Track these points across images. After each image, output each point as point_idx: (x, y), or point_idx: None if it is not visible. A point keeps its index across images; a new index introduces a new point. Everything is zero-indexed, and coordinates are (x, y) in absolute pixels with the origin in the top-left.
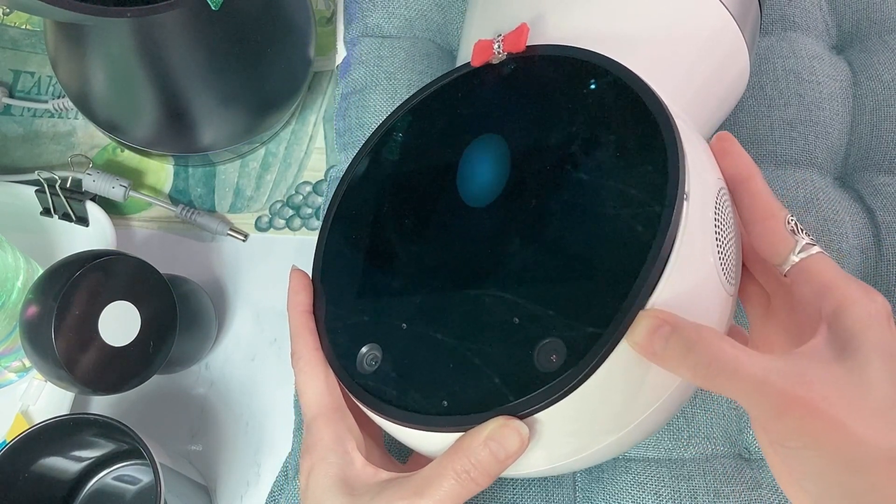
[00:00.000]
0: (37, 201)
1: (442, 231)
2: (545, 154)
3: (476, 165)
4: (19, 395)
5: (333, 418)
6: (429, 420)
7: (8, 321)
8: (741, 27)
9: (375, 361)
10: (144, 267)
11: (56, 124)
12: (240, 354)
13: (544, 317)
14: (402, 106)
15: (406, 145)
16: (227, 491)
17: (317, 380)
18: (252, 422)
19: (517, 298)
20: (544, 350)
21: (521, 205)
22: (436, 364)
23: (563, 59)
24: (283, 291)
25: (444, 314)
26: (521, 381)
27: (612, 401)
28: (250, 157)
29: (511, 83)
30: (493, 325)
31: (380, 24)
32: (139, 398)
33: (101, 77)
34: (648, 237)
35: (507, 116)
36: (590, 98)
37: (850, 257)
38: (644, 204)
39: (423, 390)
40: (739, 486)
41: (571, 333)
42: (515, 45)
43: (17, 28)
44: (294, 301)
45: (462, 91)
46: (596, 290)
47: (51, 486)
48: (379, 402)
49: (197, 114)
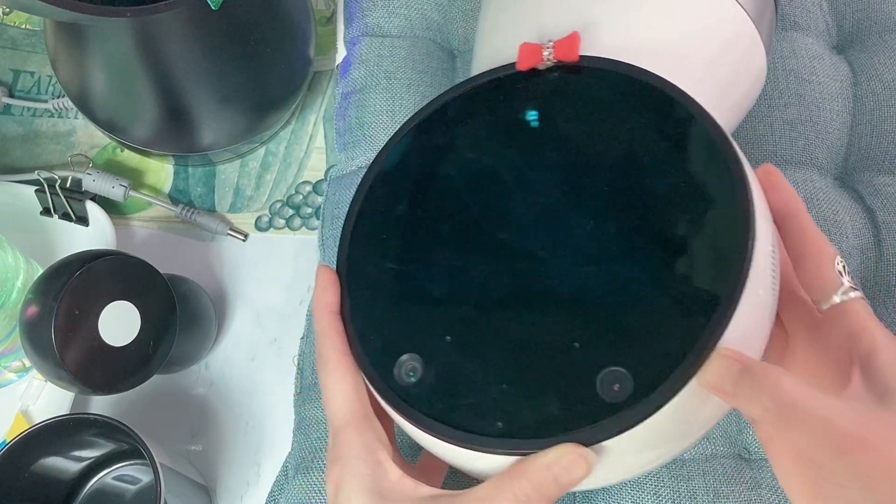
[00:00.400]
0: (37, 201)
1: (489, 241)
2: (603, 173)
3: (528, 176)
4: (19, 395)
5: (364, 426)
6: (483, 441)
7: (8, 321)
8: (758, 28)
9: (414, 372)
10: (144, 267)
11: (56, 124)
12: (240, 354)
13: (607, 344)
14: (437, 100)
15: (444, 143)
16: (227, 491)
17: (346, 385)
18: (252, 422)
19: (577, 322)
20: (607, 378)
21: (578, 224)
22: (486, 382)
23: (618, 76)
24: (284, 291)
25: (495, 331)
26: (584, 409)
27: (674, 428)
28: (250, 156)
29: (560, 93)
30: (550, 347)
31: (380, 24)
32: (139, 398)
33: (101, 77)
34: (721, 273)
35: (559, 128)
36: (651, 121)
37: (850, 257)
38: (715, 238)
39: (473, 409)
40: (739, 487)
41: (639, 366)
42: (568, 54)
43: (17, 28)
44: (321, 300)
45: (505, 94)
46: (665, 324)
47: (51, 485)
48: (423, 416)
49: (197, 113)
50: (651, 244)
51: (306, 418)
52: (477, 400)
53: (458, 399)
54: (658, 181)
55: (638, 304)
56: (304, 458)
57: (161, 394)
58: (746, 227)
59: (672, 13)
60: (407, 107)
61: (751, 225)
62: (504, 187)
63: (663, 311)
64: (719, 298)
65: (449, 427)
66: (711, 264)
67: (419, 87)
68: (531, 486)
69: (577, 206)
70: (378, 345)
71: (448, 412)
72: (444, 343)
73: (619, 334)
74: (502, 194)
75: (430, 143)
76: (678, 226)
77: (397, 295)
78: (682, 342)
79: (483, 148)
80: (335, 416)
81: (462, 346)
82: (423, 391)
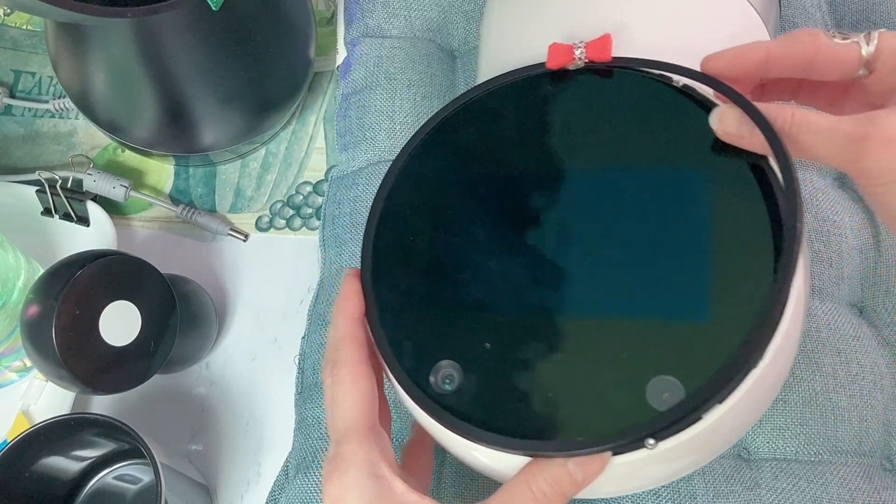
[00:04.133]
0: (38, 201)
1: (525, 245)
2: (639, 178)
3: (561, 178)
4: (20, 395)
5: (369, 437)
6: (536, 446)
7: (9, 321)
8: (765, 22)
9: (451, 380)
10: (145, 267)
11: (57, 124)
12: (240, 354)
13: (655, 352)
14: (462, 98)
15: (472, 141)
16: (228, 490)
17: (356, 393)
18: (252, 421)
19: (623, 330)
20: (655, 386)
21: (617, 229)
22: (532, 390)
23: (652, 80)
24: (284, 291)
25: (536, 338)
26: (635, 417)
27: (720, 434)
28: (251, 157)
29: (591, 94)
30: (596, 354)
31: (380, 25)
32: (139, 398)
33: (102, 77)
34: (764, 281)
35: (591, 129)
36: (688, 125)
37: (849, 257)
38: (756, 245)
39: (520, 416)
40: (738, 486)
41: (688, 375)
42: (601, 55)
43: (18, 28)
44: (343, 305)
45: (534, 93)
46: (713, 332)
47: (51, 485)
48: (467, 424)
49: (197, 114)
50: (695, 252)
51: (307, 418)
52: (523, 407)
53: (503, 407)
54: (697, 186)
55: (686, 313)
56: (304, 457)
57: (161, 394)
58: (792, 236)
59: (680, 8)
60: (407, 107)
61: (797, 235)
62: (536, 189)
63: (714, 322)
64: (767, 307)
65: (494, 434)
66: (755, 272)
67: (419, 87)
68: (547, 483)
69: (615, 210)
70: (412, 351)
71: (492, 419)
72: (484, 350)
73: (667, 342)
74: (534, 196)
75: (456, 140)
76: (722, 232)
77: (430, 300)
78: (734, 354)
79: (512, 147)
80: (340, 422)
81: (503, 353)
82: (463, 399)
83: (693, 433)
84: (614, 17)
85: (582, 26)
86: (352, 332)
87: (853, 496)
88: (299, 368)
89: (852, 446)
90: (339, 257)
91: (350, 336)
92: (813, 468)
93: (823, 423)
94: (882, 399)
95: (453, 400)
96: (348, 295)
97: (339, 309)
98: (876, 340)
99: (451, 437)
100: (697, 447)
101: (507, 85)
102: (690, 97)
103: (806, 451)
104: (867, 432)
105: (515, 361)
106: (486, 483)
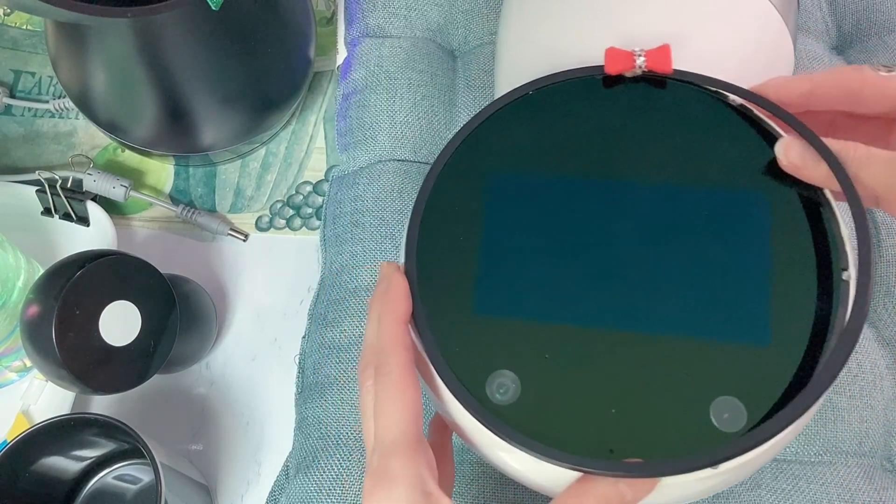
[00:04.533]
0: (37, 201)
1: (583, 254)
2: (701, 195)
3: (619, 187)
4: (20, 395)
5: (418, 452)
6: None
7: (9, 321)
8: (784, 19)
9: (506, 390)
10: (145, 267)
11: (57, 124)
12: (240, 354)
13: (719, 372)
14: (512, 94)
15: (525, 142)
16: (228, 490)
17: (404, 404)
18: (252, 421)
19: (686, 348)
20: (717, 407)
21: (679, 245)
22: (593, 405)
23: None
24: (284, 291)
25: (597, 351)
26: (699, 438)
27: (774, 451)
28: (251, 157)
29: (649, 104)
30: (659, 372)
31: (380, 25)
32: (139, 398)
33: (102, 77)
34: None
35: (651, 142)
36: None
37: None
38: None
39: (581, 431)
40: (739, 487)
41: (753, 397)
42: (662, 66)
43: (18, 28)
44: (392, 307)
45: (589, 97)
46: (778, 356)
47: (51, 485)
48: (527, 437)
49: (197, 114)
50: (760, 276)
51: (307, 417)
52: (584, 423)
53: (561, 420)
54: (755, 207)
55: (750, 334)
56: (304, 457)
57: (161, 394)
58: (866, 266)
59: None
60: (407, 107)
61: (870, 267)
62: (596, 197)
63: (780, 344)
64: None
65: (556, 449)
66: (813, 297)
67: (420, 87)
68: (597, 502)
69: (675, 226)
70: (465, 359)
71: (551, 434)
72: (543, 360)
73: (730, 362)
74: (594, 205)
75: (507, 138)
76: (780, 255)
77: (484, 306)
78: (798, 377)
79: (569, 151)
80: (386, 434)
81: (563, 366)
82: (521, 410)
83: (756, 453)
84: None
85: (605, 26)
86: (400, 336)
87: (853, 497)
88: (299, 368)
89: (852, 447)
90: (339, 257)
91: (398, 340)
92: (813, 469)
93: (823, 423)
94: (882, 399)
95: (510, 411)
96: (397, 296)
97: (386, 309)
98: (876, 340)
99: (500, 446)
100: (753, 466)
101: (558, 85)
102: (746, 116)
103: (806, 451)
104: (867, 433)
105: (576, 375)
106: (496, 487)
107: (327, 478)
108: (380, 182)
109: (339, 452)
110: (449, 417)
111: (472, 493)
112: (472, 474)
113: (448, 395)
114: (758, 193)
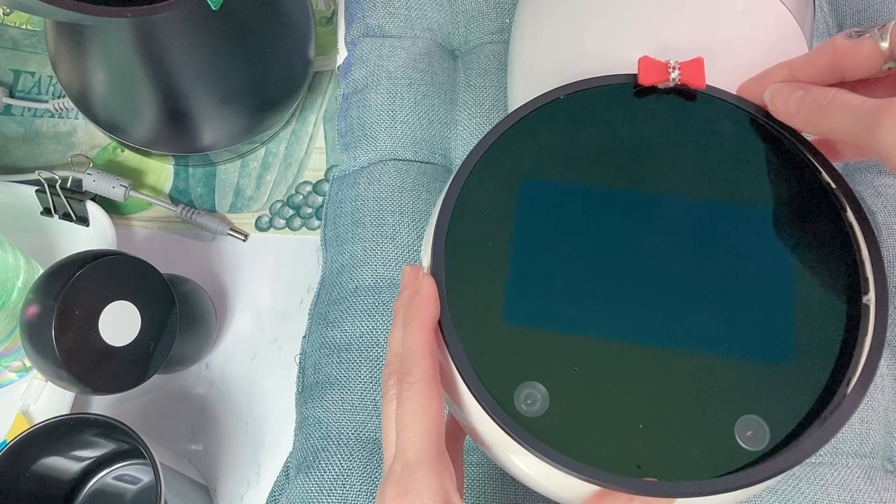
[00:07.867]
0: (37, 201)
1: (615, 268)
2: (729, 211)
3: (654, 204)
4: (20, 395)
5: (442, 464)
6: (625, 483)
7: (8, 321)
8: (801, 25)
9: (533, 401)
10: (145, 267)
11: (56, 124)
12: (240, 354)
13: (744, 390)
14: (542, 99)
15: (555, 148)
16: (228, 490)
17: (429, 416)
18: (252, 421)
19: (712, 365)
20: (742, 425)
21: (706, 261)
22: (620, 419)
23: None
24: (284, 291)
25: (626, 365)
26: (725, 456)
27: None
28: (250, 156)
29: (680, 117)
30: (685, 388)
31: (381, 25)
32: (139, 398)
33: (102, 77)
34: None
35: (682, 156)
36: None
37: None
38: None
39: (607, 446)
40: None
41: (776, 417)
42: (695, 79)
43: (18, 28)
44: (421, 312)
45: (619, 106)
46: (802, 376)
47: (51, 485)
48: (554, 450)
49: (197, 114)
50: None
51: (307, 418)
52: (610, 437)
53: (590, 434)
54: (780, 226)
55: (776, 353)
56: (304, 457)
57: (161, 394)
58: (883, 287)
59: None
60: (408, 106)
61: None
62: (626, 209)
63: (804, 363)
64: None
65: (581, 463)
66: (837, 318)
67: (420, 86)
68: None
69: (703, 242)
70: (493, 369)
71: (578, 447)
72: (572, 373)
73: (755, 381)
74: (624, 217)
75: (537, 143)
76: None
77: (514, 315)
78: (821, 397)
79: (600, 160)
80: (411, 445)
81: (592, 379)
82: (550, 423)
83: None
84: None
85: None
86: (428, 342)
87: (854, 498)
88: (300, 368)
89: (853, 448)
90: (339, 257)
91: (425, 347)
92: (813, 469)
93: None
94: (883, 400)
95: (537, 423)
96: (427, 300)
97: (415, 314)
98: None
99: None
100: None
101: (588, 91)
102: (774, 135)
103: None
104: (868, 433)
105: (604, 389)
106: (497, 487)
107: (328, 478)
108: (380, 182)
109: (339, 453)
110: (468, 424)
111: (475, 493)
112: (472, 475)
113: (473, 403)
114: (784, 212)
